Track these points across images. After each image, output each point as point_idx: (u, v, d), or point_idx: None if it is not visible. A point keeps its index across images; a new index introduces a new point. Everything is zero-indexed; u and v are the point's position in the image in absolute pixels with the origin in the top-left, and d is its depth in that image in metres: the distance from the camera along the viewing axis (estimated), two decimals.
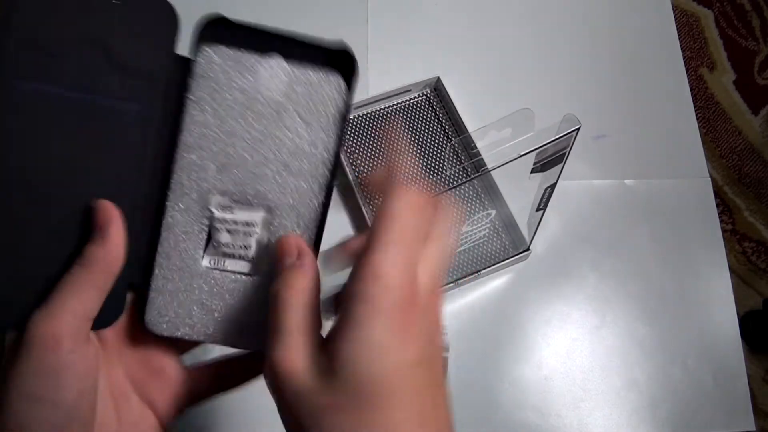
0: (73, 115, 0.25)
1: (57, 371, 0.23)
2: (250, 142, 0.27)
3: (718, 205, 0.65)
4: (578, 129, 0.42)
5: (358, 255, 0.23)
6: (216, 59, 0.26)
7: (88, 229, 0.26)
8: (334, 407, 0.21)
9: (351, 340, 0.21)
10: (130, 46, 0.26)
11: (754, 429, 0.57)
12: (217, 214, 0.27)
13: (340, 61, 0.27)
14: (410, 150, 0.27)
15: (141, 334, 0.28)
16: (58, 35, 0.24)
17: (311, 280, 0.24)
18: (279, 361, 0.22)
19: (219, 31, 0.27)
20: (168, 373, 0.28)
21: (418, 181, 0.60)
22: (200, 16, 0.27)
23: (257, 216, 0.28)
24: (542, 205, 0.53)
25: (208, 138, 0.26)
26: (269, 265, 0.28)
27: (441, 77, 0.68)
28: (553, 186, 0.50)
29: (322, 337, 0.24)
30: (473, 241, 0.59)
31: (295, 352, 0.22)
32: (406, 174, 0.26)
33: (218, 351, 0.30)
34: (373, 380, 0.21)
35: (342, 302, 0.22)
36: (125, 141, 0.26)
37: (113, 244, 0.25)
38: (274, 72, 0.27)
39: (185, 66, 0.27)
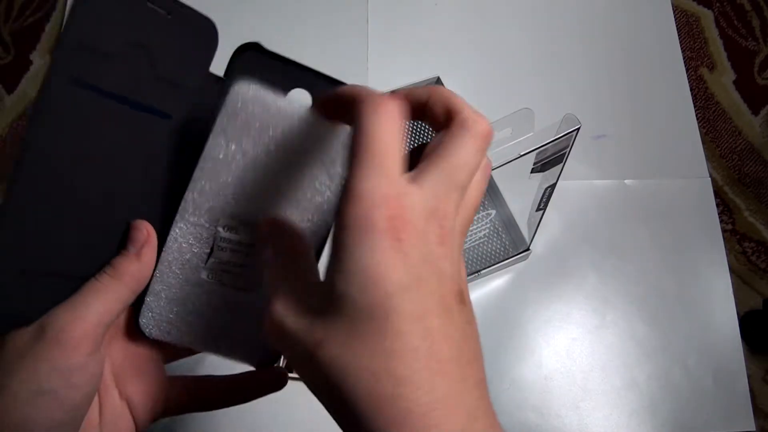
0: (114, 120, 0.25)
1: (72, 371, 0.23)
2: (267, 177, 0.27)
3: (718, 205, 0.65)
4: (578, 129, 0.42)
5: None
6: (247, 95, 0.26)
7: (113, 236, 0.26)
8: (330, 341, 0.20)
9: (339, 269, 0.20)
10: (172, 58, 0.26)
11: (754, 429, 0.57)
12: (222, 233, 0.28)
13: None
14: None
15: (132, 333, 0.28)
16: (110, 41, 0.25)
17: (289, 238, 0.25)
18: (273, 314, 0.22)
19: (252, 56, 0.28)
20: (151, 376, 0.29)
21: None
22: (238, 40, 0.27)
23: None
24: (542, 205, 0.53)
25: (227, 169, 0.26)
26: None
27: (441, 77, 0.68)
28: (553, 186, 0.50)
29: (313, 280, 0.23)
30: (473, 241, 0.59)
31: (284, 302, 0.22)
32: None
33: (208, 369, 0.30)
34: (366, 307, 0.20)
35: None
36: (154, 150, 0.27)
37: (146, 263, 0.26)
38: (301, 115, 0.26)
39: (217, 84, 0.27)
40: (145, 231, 0.26)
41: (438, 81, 0.68)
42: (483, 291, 0.61)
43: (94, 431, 0.26)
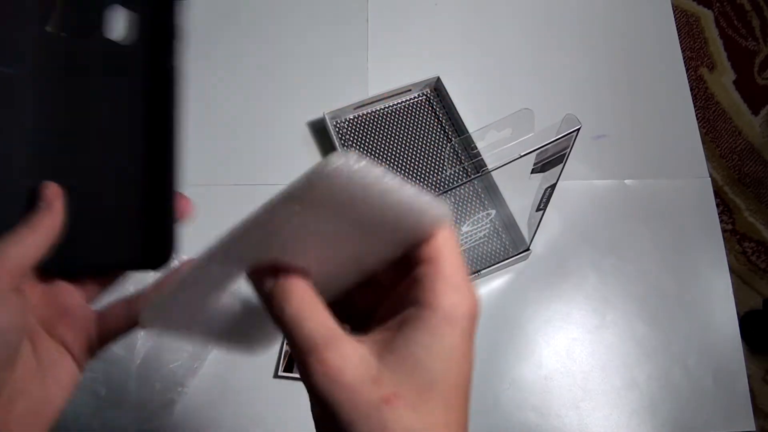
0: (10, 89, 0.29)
1: None
2: (323, 247, 0.25)
3: (718, 205, 0.65)
4: (578, 129, 0.42)
5: (417, 264, 0.24)
6: (345, 173, 0.20)
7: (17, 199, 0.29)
8: (400, 399, 0.21)
9: (428, 344, 0.23)
10: None
11: (754, 429, 0.57)
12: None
13: None
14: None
15: (47, 279, 0.30)
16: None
17: (305, 283, 0.24)
18: (329, 361, 0.22)
19: None
20: (75, 312, 0.30)
21: (420, 181, 0.60)
22: None
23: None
24: (542, 205, 0.53)
25: (280, 230, 0.23)
26: None
27: (441, 77, 0.68)
28: (553, 186, 0.50)
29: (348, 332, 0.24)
30: (474, 241, 0.59)
31: (340, 352, 0.22)
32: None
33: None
34: (446, 382, 0.22)
35: (404, 308, 0.24)
36: (25, 106, 0.30)
37: (57, 215, 0.29)
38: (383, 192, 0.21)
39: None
40: (54, 189, 0.29)
41: (438, 81, 0.68)
42: (483, 291, 0.61)
43: (32, 374, 0.28)
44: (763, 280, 0.63)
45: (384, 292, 0.26)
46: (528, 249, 0.60)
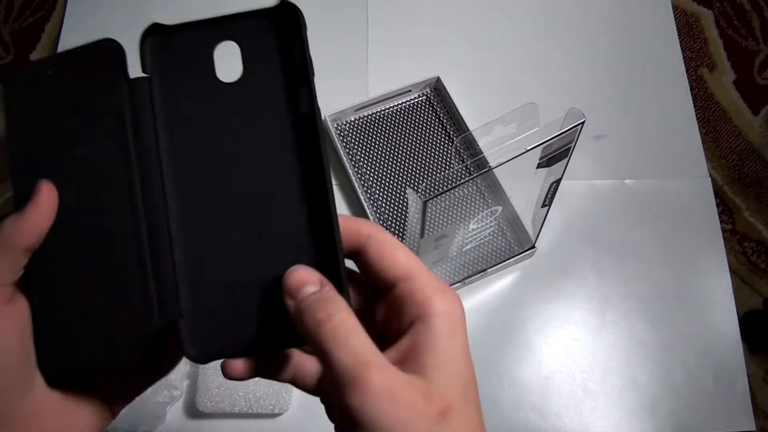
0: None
1: None
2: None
3: (718, 205, 0.65)
4: (583, 122, 0.42)
5: (405, 287, 0.24)
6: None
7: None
8: (451, 412, 0.22)
9: (449, 348, 0.23)
10: (86, 90, 0.25)
11: (754, 429, 0.57)
12: None
13: (283, 16, 0.27)
14: None
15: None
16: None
17: (342, 300, 0.23)
18: (382, 384, 0.21)
19: (158, 39, 0.26)
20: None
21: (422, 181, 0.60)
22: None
23: None
24: (548, 201, 0.52)
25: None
26: None
27: (441, 77, 0.68)
28: (558, 181, 0.49)
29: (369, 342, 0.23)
30: (479, 240, 0.59)
31: (389, 373, 0.21)
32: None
33: None
34: (473, 380, 0.24)
35: (403, 327, 0.24)
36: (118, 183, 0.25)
37: (35, 216, 0.24)
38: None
39: (141, 84, 0.25)
40: (41, 189, 0.24)
41: (438, 81, 0.68)
42: (486, 291, 0.61)
43: (49, 410, 0.25)
44: (763, 280, 0.63)
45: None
46: (533, 246, 0.60)
